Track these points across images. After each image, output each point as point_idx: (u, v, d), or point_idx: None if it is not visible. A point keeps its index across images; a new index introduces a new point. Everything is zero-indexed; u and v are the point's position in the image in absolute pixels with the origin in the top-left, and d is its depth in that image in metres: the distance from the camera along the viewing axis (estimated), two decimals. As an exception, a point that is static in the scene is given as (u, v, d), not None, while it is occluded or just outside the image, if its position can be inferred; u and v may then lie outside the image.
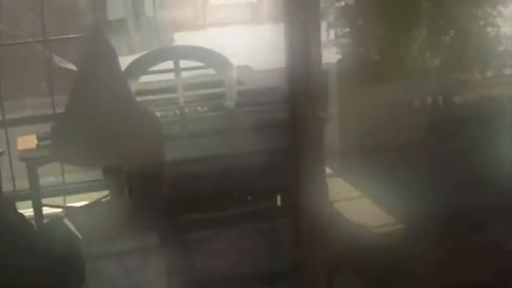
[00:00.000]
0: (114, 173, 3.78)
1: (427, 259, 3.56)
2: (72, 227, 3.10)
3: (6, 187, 4.30)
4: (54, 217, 3.85)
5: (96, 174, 4.38)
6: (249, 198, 3.64)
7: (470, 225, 3.84)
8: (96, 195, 4.33)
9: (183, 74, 4.57)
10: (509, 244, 3.61)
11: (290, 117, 2.56)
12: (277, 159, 3.70)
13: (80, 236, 3.06)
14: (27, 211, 3.98)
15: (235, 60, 4.98)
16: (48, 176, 4.61)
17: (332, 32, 5.54)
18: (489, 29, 4.93)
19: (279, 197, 3.83)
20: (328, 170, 4.40)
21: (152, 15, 9.49)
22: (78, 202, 4.47)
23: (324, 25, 5.41)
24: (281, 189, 3.72)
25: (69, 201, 4.56)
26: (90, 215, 3.69)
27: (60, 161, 4.05)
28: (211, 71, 4.64)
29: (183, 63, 4.59)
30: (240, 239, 3.46)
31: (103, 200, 3.99)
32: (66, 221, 3.33)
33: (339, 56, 5.16)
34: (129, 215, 3.41)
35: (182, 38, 9.48)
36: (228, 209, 3.48)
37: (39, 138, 4.02)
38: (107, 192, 4.13)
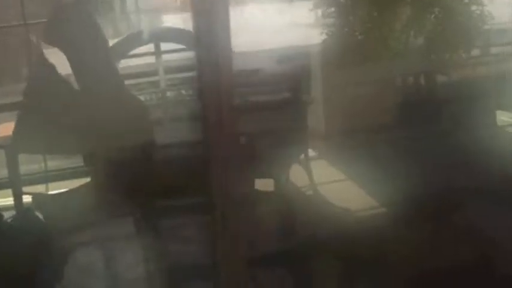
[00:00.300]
0: (95, 160, 3.71)
1: (410, 241, 3.53)
2: (40, 216, 3.04)
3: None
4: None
5: (79, 161, 4.32)
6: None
7: (454, 207, 3.80)
8: (79, 182, 4.27)
9: (164, 56, 4.51)
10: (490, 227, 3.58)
11: (201, 108, 2.35)
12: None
13: (48, 225, 3.01)
14: (7, 200, 3.93)
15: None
16: (33, 163, 4.55)
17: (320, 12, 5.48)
18: (474, 7, 4.87)
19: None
20: (312, 152, 4.38)
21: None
22: (62, 189, 4.41)
23: (310, 5, 5.37)
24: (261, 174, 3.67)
25: (54, 188, 4.50)
26: (64, 202, 3.63)
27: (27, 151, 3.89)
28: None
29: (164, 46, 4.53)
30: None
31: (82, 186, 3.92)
32: (35, 210, 3.27)
33: (324, 36, 5.11)
34: (106, 201, 3.35)
35: (171, 21, 9.38)
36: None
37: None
38: (89, 179, 4.07)
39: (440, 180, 4.11)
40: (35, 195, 3.84)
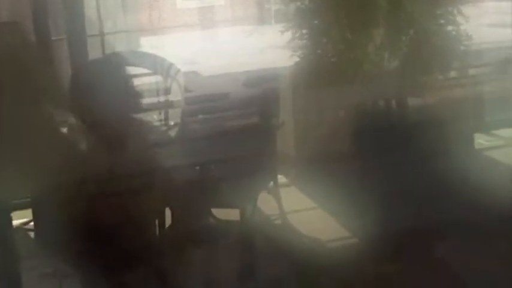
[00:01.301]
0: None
1: (383, 274, 3.36)
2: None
3: None
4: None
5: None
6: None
7: (430, 238, 3.63)
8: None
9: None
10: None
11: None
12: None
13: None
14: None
15: (187, 66, 4.75)
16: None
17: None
18: (449, 28, 4.73)
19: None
20: (282, 179, 4.21)
21: (119, 19, 9.24)
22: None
23: (281, 27, 5.21)
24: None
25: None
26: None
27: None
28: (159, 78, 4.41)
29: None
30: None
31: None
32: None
33: (296, 58, 4.93)
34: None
35: (148, 43, 9.27)
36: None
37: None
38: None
39: (415, 208, 3.95)
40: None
